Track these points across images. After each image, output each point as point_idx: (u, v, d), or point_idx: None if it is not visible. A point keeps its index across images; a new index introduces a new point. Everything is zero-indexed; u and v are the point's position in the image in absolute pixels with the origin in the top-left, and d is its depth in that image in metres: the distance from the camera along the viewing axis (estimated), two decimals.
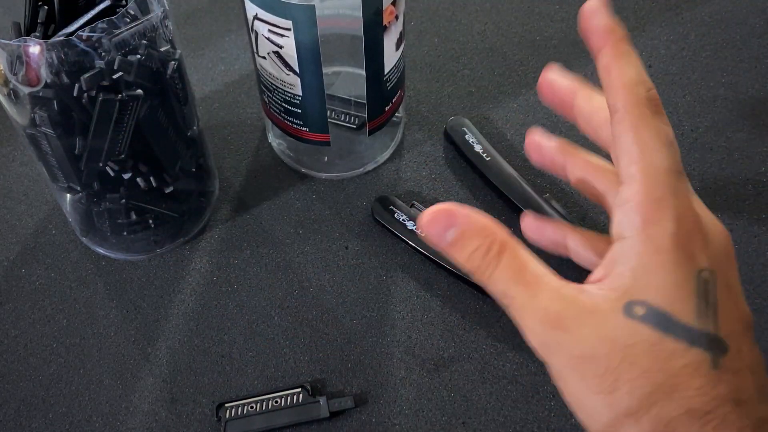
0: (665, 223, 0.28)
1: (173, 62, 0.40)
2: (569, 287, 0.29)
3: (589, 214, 0.49)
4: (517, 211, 0.48)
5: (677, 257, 0.28)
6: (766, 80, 0.55)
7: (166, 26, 0.39)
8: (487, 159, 0.50)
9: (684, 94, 0.55)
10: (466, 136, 0.51)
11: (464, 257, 0.30)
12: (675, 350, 0.27)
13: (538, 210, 0.47)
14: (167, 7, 0.39)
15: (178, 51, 0.41)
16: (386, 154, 0.52)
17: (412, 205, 0.49)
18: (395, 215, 0.48)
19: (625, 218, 0.29)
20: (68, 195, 0.45)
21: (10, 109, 0.39)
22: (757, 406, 0.27)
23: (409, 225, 0.47)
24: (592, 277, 0.29)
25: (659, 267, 0.28)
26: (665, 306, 0.27)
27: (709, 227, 0.30)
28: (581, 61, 0.57)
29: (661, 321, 0.27)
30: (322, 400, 0.41)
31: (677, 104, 0.54)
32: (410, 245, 0.47)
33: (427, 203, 0.49)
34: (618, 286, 0.28)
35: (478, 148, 0.51)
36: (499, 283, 0.30)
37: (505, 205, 0.49)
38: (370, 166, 0.52)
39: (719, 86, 0.55)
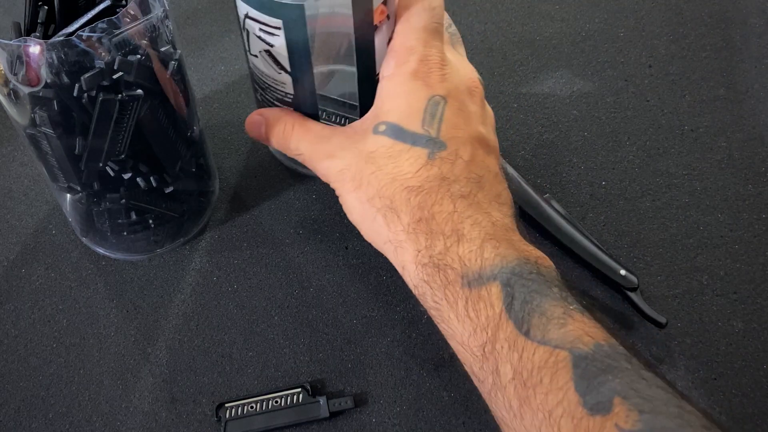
0: (410, 63, 0.38)
1: (173, 62, 0.40)
2: (339, 129, 0.40)
3: (589, 214, 0.49)
4: (517, 211, 0.48)
5: (414, 86, 0.37)
6: (766, 80, 0.55)
7: (166, 26, 0.39)
8: None
9: (684, 94, 0.55)
10: None
11: (274, 141, 0.42)
12: (402, 150, 0.36)
13: (538, 210, 0.47)
14: (167, 7, 0.39)
15: (178, 51, 0.41)
16: None
17: None
18: None
19: (385, 62, 0.39)
20: (68, 195, 0.45)
21: (10, 109, 0.39)
22: (464, 185, 0.35)
23: None
24: None
25: (399, 94, 0.37)
26: (399, 122, 0.37)
27: (458, 70, 0.39)
28: (581, 61, 0.57)
29: (395, 132, 0.37)
30: (322, 400, 0.41)
31: (677, 104, 0.54)
32: None
33: None
34: (372, 115, 0.38)
35: None
36: (293, 145, 0.41)
37: None
38: None
39: (719, 86, 0.55)
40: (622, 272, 0.44)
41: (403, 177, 0.36)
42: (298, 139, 0.41)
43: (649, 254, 0.47)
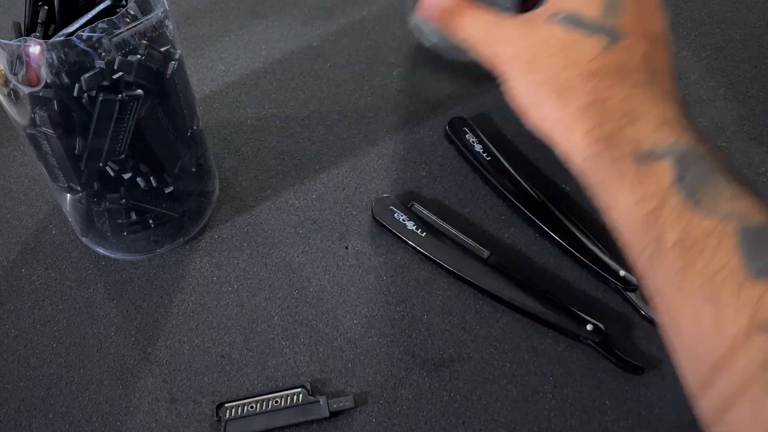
0: None
1: (173, 62, 0.40)
2: (512, 17, 0.40)
3: (589, 214, 0.49)
4: (517, 211, 0.48)
5: None
6: (766, 80, 0.55)
7: (166, 26, 0.39)
8: (488, 159, 0.50)
9: (684, 94, 0.55)
10: (467, 136, 0.51)
11: (446, 22, 0.42)
12: (579, 38, 0.36)
13: (538, 210, 0.47)
14: (167, 7, 0.39)
15: (178, 51, 0.41)
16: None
17: (412, 205, 0.49)
18: (395, 215, 0.48)
19: None
20: (68, 195, 0.45)
21: (10, 109, 0.39)
22: (640, 76, 0.36)
23: (409, 225, 0.47)
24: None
25: None
26: (578, 11, 0.37)
27: None
28: None
29: (573, 20, 0.37)
30: (322, 400, 0.41)
31: None
32: (410, 245, 0.47)
33: (427, 203, 0.49)
34: (550, 4, 0.38)
35: (478, 148, 0.51)
36: (465, 27, 0.41)
37: (505, 205, 0.49)
38: (371, 165, 0.52)
39: (719, 86, 0.55)
40: (622, 273, 0.44)
41: (579, 62, 0.36)
42: (471, 23, 0.40)
43: None
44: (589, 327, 0.42)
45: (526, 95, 0.38)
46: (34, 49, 0.35)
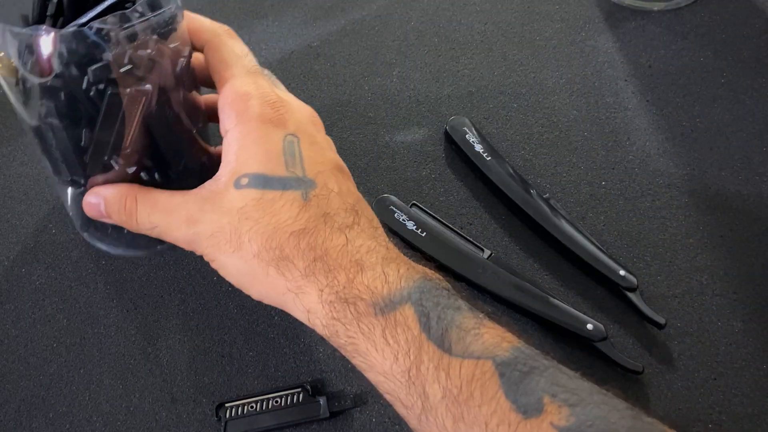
0: (251, 109, 0.37)
1: (182, 59, 0.40)
2: (193, 192, 0.37)
3: (589, 214, 0.49)
4: (517, 211, 0.48)
5: (265, 130, 0.36)
6: (765, 80, 0.56)
7: (178, 22, 0.39)
8: (488, 159, 0.50)
9: (684, 94, 0.55)
10: (467, 136, 0.51)
11: (117, 219, 0.39)
12: (274, 197, 0.35)
13: (538, 210, 0.47)
14: (179, 3, 0.39)
15: (188, 47, 0.41)
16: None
17: (413, 205, 0.49)
18: (395, 215, 0.48)
19: (224, 116, 0.38)
20: (70, 189, 0.45)
21: (17, 100, 0.39)
22: (345, 216, 0.36)
23: (409, 225, 0.47)
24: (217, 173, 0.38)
25: (252, 143, 0.36)
26: (262, 170, 0.35)
27: (294, 106, 0.38)
28: (581, 61, 0.58)
29: (261, 181, 0.35)
30: (322, 400, 0.41)
31: (677, 104, 0.54)
32: (410, 245, 0.47)
33: (427, 203, 0.49)
34: (228, 170, 0.36)
35: (478, 148, 0.51)
36: (143, 222, 0.38)
37: (505, 205, 0.49)
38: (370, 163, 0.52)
39: (719, 86, 0.55)
40: (622, 273, 0.44)
41: (285, 224, 0.35)
42: (148, 212, 0.38)
43: (648, 254, 0.47)
44: (589, 327, 0.42)
45: (242, 273, 0.36)
46: (46, 38, 0.35)
